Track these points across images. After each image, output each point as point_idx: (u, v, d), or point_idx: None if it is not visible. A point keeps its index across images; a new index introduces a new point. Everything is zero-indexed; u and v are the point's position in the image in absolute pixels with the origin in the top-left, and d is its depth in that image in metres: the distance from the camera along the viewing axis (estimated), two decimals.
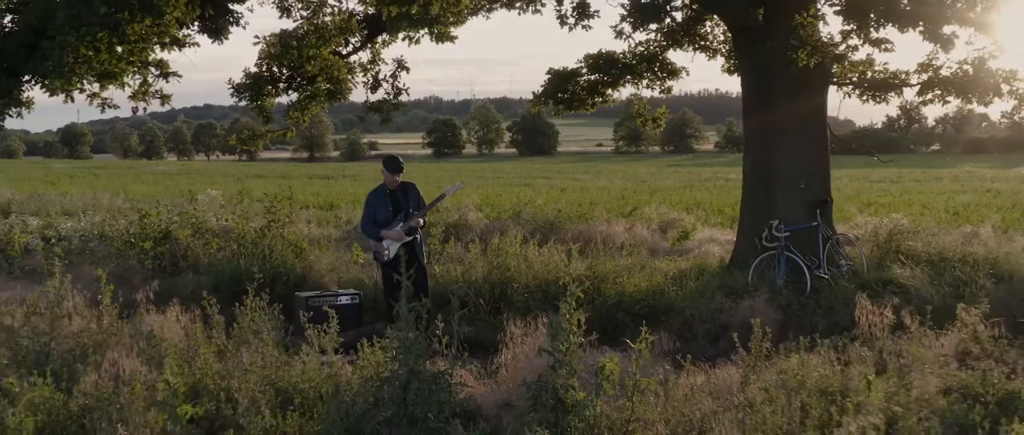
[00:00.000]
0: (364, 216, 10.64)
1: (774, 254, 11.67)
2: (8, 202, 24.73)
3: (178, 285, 12.22)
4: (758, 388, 5.93)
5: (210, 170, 75.47)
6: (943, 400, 5.76)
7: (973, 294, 10.09)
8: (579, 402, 5.08)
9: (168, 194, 32.32)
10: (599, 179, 49.50)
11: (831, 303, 10.32)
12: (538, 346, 6.12)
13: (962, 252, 12.55)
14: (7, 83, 12.86)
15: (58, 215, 20.24)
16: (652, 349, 7.46)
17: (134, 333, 7.90)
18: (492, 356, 7.65)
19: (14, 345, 7.31)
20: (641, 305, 10.50)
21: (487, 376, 6.94)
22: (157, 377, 6.22)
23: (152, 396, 5.88)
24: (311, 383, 6.25)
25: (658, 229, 17.61)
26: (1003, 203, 24.81)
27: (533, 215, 17.65)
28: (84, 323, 8.05)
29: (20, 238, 16.30)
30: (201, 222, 15.28)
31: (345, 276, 12.58)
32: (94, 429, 5.42)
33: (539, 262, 12.02)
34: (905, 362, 6.66)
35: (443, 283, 11.51)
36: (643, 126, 15.40)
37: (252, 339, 7.41)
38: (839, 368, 6.64)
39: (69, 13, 10.06)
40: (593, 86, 14.38)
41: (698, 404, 5.69)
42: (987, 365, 6.39)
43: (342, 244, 15.47)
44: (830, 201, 12.70)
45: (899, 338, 7.61)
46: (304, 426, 5.77)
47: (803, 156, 12.24)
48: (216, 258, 13.74)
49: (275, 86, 14.71)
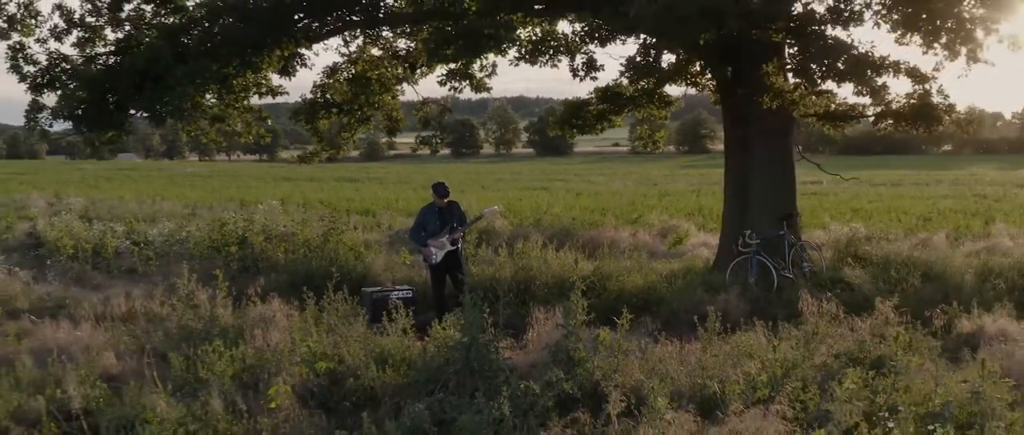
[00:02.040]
0: (414, 226, 13.25)
1: (747, 258, 14.31)
2: (85, 209, 27.52)
3: (256, 282, 14.82)
4: (710, 354, 8.65)
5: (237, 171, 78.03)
6: (833, 361, 8.42)
7: (903, 291, 12.81)
8: (582, 358, 7.83)
9: (216, 199, 35.24)
10: (613, 181, 51.93)
11: (790, 297, 12.84)
12: (556, 323, 8.86)
13: (906, 257, 15.18)
14: (117, 116, 15.65)
15: (136, 221, 23.05)
16: (640, 330, 10.28)
17: (257, 317, 10.67)
18: (521, 334, 10.31)
19: (179, 326, 10.08)
20: (637, 298, 13.11)
21: (519, 347, 9.62)
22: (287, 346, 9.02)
23: (293, 357, 8.65)
24: (398, 349, 8.99)
25: (659, 234, 20.26)
26: (978, 209, 27.21)
27: (551, 222, 20.44)
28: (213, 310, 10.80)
29: (112, 242, 19.05)
30: (271, 229, 18.07)
31: (397, 275, 15.20)
32: (265, 376, 8.16)
33: (556, 263, 14.69)
34: (821, 337, 9.33)
35: (478, 281, 14.20)
36: (645, 148, 18.01)
37: (342, 322, 10.18)
38: (773, 343, 9.29)
39: (186, 70, 12.82)
40: (602, 113, 16.98)
41: (666, 363, 8.40)
42: (875, 339, 9.05)
43: (390, 248, 18.16)
44: (795, 214, 15.37)
45: (830, 323, 10.28)
46: (398, 377, 8.50)
47: (773, 178, 14.91)
48: (289, 259, 16.45)
49: (328, 111, 17.45)
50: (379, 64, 15.36)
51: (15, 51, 17.20)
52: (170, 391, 7.31)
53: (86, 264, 17.32)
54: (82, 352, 9.45)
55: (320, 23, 14.31)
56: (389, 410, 7.56)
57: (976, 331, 10.54)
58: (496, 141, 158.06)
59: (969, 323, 10.76)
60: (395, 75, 15.31)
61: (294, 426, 6.97)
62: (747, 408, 6.74)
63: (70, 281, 15.67)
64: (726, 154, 15.52)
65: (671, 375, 7.96)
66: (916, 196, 35.75)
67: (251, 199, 33.57)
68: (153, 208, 28.09)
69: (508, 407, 6.87)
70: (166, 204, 29.14)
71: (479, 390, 7.62)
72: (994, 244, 17.32)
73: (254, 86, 13.40)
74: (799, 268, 14.57)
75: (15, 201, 32.85)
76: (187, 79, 12.75)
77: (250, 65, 13.00)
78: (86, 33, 17.45)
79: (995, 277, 13.64)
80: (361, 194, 39.14)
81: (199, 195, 39.34)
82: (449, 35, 13.03)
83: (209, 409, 7.02)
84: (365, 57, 15.34)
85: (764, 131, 14.46)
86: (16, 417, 7.32)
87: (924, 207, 27.82)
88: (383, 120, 16.02)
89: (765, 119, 14.13)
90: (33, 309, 12.39)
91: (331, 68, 17.16)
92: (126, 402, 7.41)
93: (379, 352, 8.94)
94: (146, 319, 11.61)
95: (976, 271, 14.18)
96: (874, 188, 42.97)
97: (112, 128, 15.45)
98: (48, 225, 20.96)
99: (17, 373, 8.27)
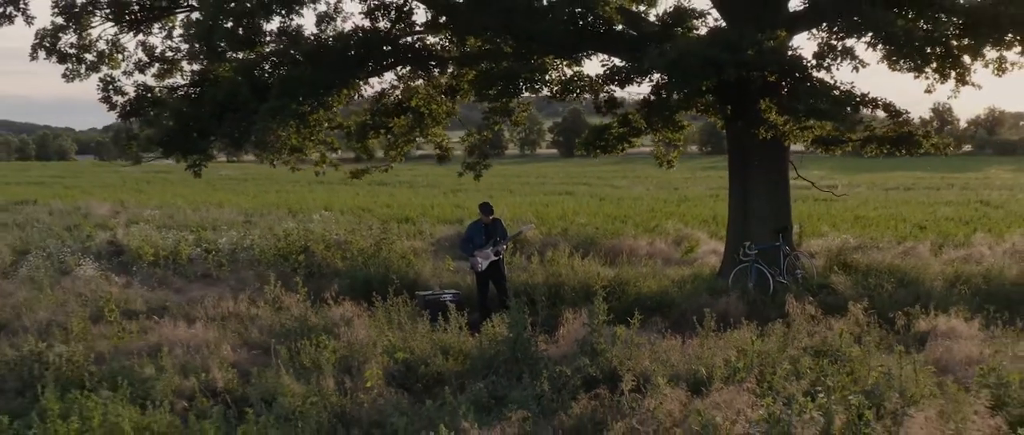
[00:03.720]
0: (464, 240, 15.60)
1: (747, 266, 16.53)
2: (151, 216, 30.03)
3: (324, 286, 17.08)
4: (706, 347, 10.92)
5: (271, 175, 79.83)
6: (799, 352, 10.65)
7: (879, 295, 15.02)
8: (603, 349, 10.13)
9: (260, 204, 37.66)
10: (635, 185, 53.92)
11: (782, 300, 15.06)
12: (582, 322, 11.16)
13: (888, 264, 17.39)
14: (199, 143, 18.02)
15: (202, 229, 25.53)
16: (651, 328, 12.60)
17: (338, 317, 13.03)
18: (554, 331, 12.55)
19: (281, 323, 12.47)
20: (651, 301, 15.35)
21: (553, 341, 11.88)
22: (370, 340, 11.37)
23: (375, 349, 11.00)
24: (457, 343, 11.33)
25: (673, 242, 22.50)
26: (973, 216, 29.21)
27: (577, 232, 22.76)
28: (305, 311, 13.19)
29: (185, 250, 21.46)
30: (329, 238, 20.47)
31: (445, 280, 17.50)
32: (356, 363, 10.50)
33: (582, 270, 16.98)
34: (794, 334, 11.57)
35: (515, 285, 16.48)
36: (661, 166, 20.23)
37: (409, 321, 12.53)
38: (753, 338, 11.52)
39: (269, 107, 15.17)
40: (622, 136, 19.21)
41: (669, 353, 10.68)
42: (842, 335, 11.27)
43: (435, 255, 20.47)
44: (789, 227, 17.58)
45: (809, 322, 12.52)
46: (458, 365, 10.82)
47: (769, 196, 17.13)
48: (347, 266, 18.78)
49: (377, 132, 19.78)
50: (431, 99, 17.72)
51: (106, 83, 19.66)
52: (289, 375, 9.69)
53: (167, 270, 19.69)
54: (201, 346, 11.81)
55: (380, 65, 16.69)
56: (455, 389, 9.85)
57: (930, 329, 12.67)
58: (521, 142, 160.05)
59: (925, 323, 12.90)
60: (444, 110, 17.74)
61: (386, 401, 9.30)
62: (725, 386, 9.00)
63: (155, 285, 18.03)
64: (730, 175, 17.72)
65: (672, 362, 10.25)
66: (922, 201, 37.53)
67: (296, 207, 35.99)
68: (210, 216, 30.53)
69: (547, 385, 9.20)
70: (224, 212, 31.52)
71: (524, 373, 9.95)
72: (971, 253, 19.44)
73: (326, 121, 15.86)
74: (793, 275, 16.79)
75: (79, 209, 35.41)
76: (269, 116, 15.10)
77: (323, 103, 15.41)
78: (165, 66, 19.95)
79: (961, 283, 15.81)
80: (396, 199, 41.29)
81: (243, 200, 41.69)
82: (492, 77, 15.41)
83: (322, 387, 9.38)
84: (419, 92, 17.69)
85: (761, 156, 16.70)
86: (176, 393, 9.68)
87: (923, 214, 29.81)
88: (434, 149, 18.40)
89: (762, 146, 16.35)
90: (151, 310, 14.74)
91: (380, 93, 19.50)
92: (256, 383, 9.78)
93: (441, 345, 11.28)
94: (237, 319, 13.95)
95: (946, 278, 16.36)
96: (885, 192, 44.76)
97: (196, 153, 17.78)
98: (126, 234, 23.43)
99: (163, 361, 10.65)
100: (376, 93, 19.37)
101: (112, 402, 8.64)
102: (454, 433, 7.76)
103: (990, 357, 10.10)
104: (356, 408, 9.07)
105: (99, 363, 10.86)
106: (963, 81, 18.82)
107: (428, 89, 17.69)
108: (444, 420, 8.14)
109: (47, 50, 19.71)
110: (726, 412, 8.02)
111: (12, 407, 9.26)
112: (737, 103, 15.81)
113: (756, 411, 7.93)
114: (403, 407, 8.96)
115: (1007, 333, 12.32)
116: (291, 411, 8.72)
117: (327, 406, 9.04)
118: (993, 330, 12.48)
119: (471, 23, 15.98)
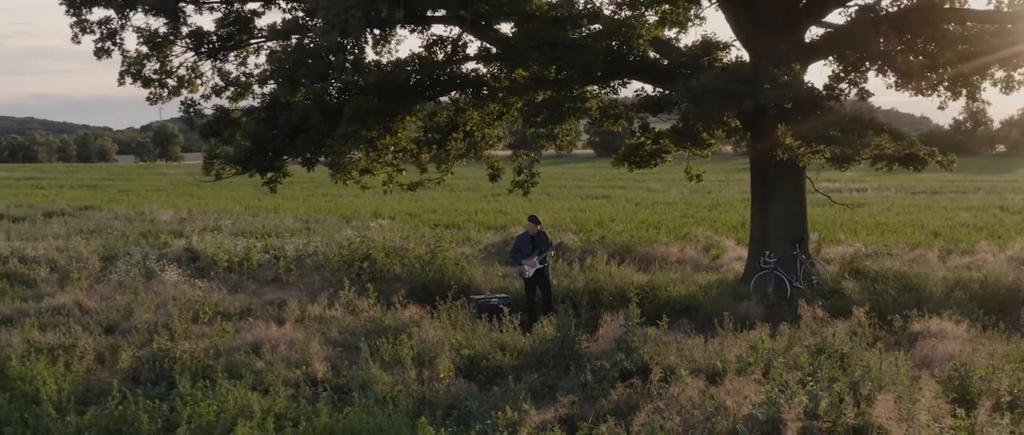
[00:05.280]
0: (513, 250, 17.54)
1: (767, 272, 18.39)
2: (215, 223, 32.29)
3: (386, 290, 18.94)
4: (725, 346, 12.84)
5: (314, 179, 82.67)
6: (802, 350, 12.53)
7: (883, 300, 16.84)
8: (637, 346, 12.12)
9: (315, 211, 39.79)
10: (669, 189, 55.58)
11: (796, 305, 16.91)
12: (619, 324, 13.14)
13: (896, 270, 19.18)
14: (275, 160, 20.12)
15: (265, 236, 27.73)
16: (678, 329, 14.56)
17: (407, 319, 15.06)
18: (595, 331, 14.48)
19: (352, 326, 14.54)
20: (680, 304, 17.25)
21: (594, 339, 13.82)
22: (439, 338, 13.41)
23: (443, 346, 13.03)
24: (511, 341, 13.34)
25: (703, 249, 24.39)
26: (989, 223, 30.79)
27: (613, 240, 24.74)
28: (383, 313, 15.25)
29: (255, 256, 23.56)
30: (388, 246, 22.54)
31: (494, 285, 19.47)
32: (428, 358, 12.53)
33: (618, 276, 18.94)
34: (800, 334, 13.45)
35: (558, 290, 18.42)
36: (690, 181, 22.11)
37: (469, 322, 14.58)
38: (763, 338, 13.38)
39: (343, 133, 17.26)
40: (655, 152, 21.12)
41: (692, 350, 12.61)
42: (842, 336, 13.15)
43: (483, 261, 22.46)
44: (806, 237, 19.43)
45: (817, 323, 14.40)
46: (513, 360, 12.83)
47: (787, 210, 19.00)
48: (407, 271, 20.78)
49: (430, 148, 21.81)
50: (484, 124, 19.79)
51: (187, 106, 21.86)
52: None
53: (241, 275, 21.81)
54: (293, 343, 13.88)
55: (437, 92, 18.80)
56: (513, 380, 11.83)
57: (923, 330, 14.49)
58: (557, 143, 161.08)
59: (919, 325, 14.71)
60: (496, 134, 19.84)
61: (458, 389, 11.32)
62: (737, 377, 10.94)
63: (231, 289, 20.10)
64: (751, 189, 19.61)
65: (694, 358, 12.21)
66: (945, 207, 38.79)
67: (348, 212, 38.20)
68: (272, 223, 32.74)
69: (590, 376, 11.20)
70: (285, 220, 33.68)
71: (570, 367, 11.95)
72: (975, 260, 21.17)
73: (392, 145, 18.01)
74: (808, 281, 18.62)
75: (143, 214, 37.75)
76: (342, 141, 17.18)
77: (388, 129, 17.53)
78: (239, 89, 22.10)
79: (959, 289, 17.58)
80: (439, 204, 43.12)
81: (292, 205, 43.69)
82: (538, 106, 17.46)
83: (405, 377, 11.42)
84: (472, 118, 19.76)
85: (780, 175, 18.57)
86: (284, 382, 11.75)
87: (941, 220, 31.44)
88: (487, 168, 20.49)
89: (780, 165, 18.21)
90: (238, 313, 16.82)
91: (432, 112, 21.53)
92: (348, 373, 11.85)
93: (499, 343, 13.31)
94: (318, 321, 15.99)
95: (947, 283, 18.13)
96: (912, 196, 46.00)
97: (272, 170, 19.88)
98: (201, 240, 25.62)
99: (267, 356, 12.74)
100: (429, 111, 21.39)
101: (238, 388, 10.73)
102: (517, 413, 9.76)
103: (964, 355, 11.98)
104: (434, 394, 11.11)
105: (214, 357, 12.95)
106: (974, 99, 20.70)
107: (481, 115, 19.73)
108: (508, 404, 10.15)
109: (133, 76, 21.84)
110: (735, 398, 9.98)
111: (153, 394, 11.34)
112: (757, 128, 17.71)
113: (758, 396, 9.87)
114: (473, 394, 11.00)
115: (991, 334, 14.14)
116: (383, 396, 10.76)
117: (410, 393, 11.07)
118: (971, 330, 14.25)
119: (519, 55, 17.96)
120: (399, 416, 10.05)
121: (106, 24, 19.84)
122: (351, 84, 18.90)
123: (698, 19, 19.89)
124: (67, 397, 11.02)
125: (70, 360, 12.86)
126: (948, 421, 9.24)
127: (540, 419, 9.90)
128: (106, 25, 19.81)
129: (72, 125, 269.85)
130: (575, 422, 9.95)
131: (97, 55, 20.17)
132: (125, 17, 19.81)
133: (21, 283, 20.45)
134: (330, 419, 9.78)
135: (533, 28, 17.35)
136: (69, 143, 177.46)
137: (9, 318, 16.42)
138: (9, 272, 21.47)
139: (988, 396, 9.95)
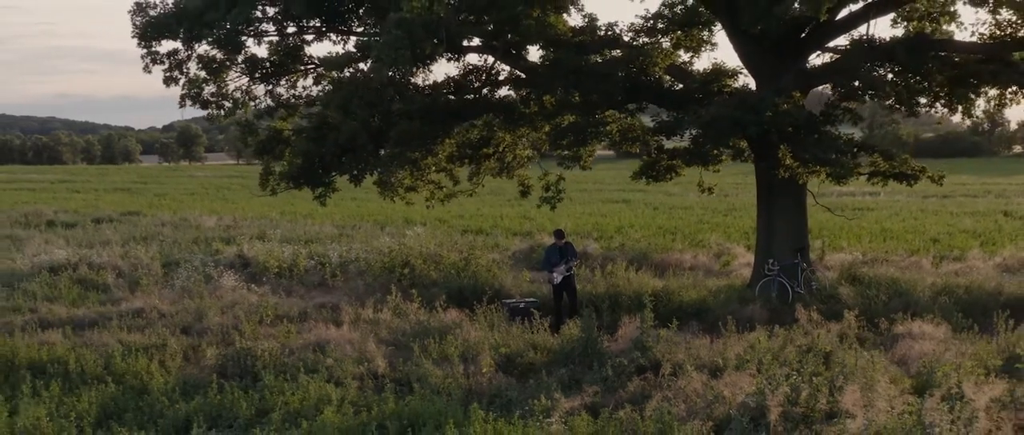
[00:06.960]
0: (544, 260, 19.54)
1: (771, 279, 20.31)
2: (261, 230, 34.40)
3: (427, 295, 20.53)
4: (728, 346, 14.81)
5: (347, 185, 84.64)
6: (792, 348, 14.48)
7: (874, 304, 18.73)
8: (651, 345, 14.16)
9: (349, 217, 41.76)
10: (687, 193, 57.07)
11: (795, 309, 18.82)
12: (636, 326, 15.16)
13: (889, 277, 21.06)
14: (325, 176, 22.21)
15: (308, 242, 29.85)
16: (688, 330, 16.57)
17: (449, 321, 17.09)
18: (614, 331, 16.44)
19: (401, 327, 16.62)
20: (691, 308, 19.21)
21: (613, 339, 15.80)
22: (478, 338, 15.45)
23: (482, 345, 15.07)
24: (542, 341, 15.38)
25: (714, 255, 26.34)
26: (987, 229, 32.54)
27: (632, 246, 26.76)
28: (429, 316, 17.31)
29: (302, 262, 25.59)
30: (425, 252, 24.57)
31: (523, 289, 21.42)
32: (471, 355, 14.58)
33: (636, 281, 20.90)
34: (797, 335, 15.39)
35: (581, 296, 20.37)
36: (702, 193, 24.07)
37: (502, 323, 16.62)
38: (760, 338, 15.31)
39: (389, 154, 19.35)
40: (669, 167, 23.07)
41: (699, 349, 14.60)
42: (830, 337, 15.07)
43: (512, 267, 24.43)
44: (807, 246, 21.36)
45: (811, 325, 16.34)
46: (544, 358, 14.85)
47: (789, 221, 20.95)
48: (442, 276, 22.74)
49: (462, 162, 23.86)
50: (515, 145, 21.89)
51: (243, 126, 24.00)
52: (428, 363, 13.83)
53: (290, 280, 23.83)
54: (350, 342, 15.92)
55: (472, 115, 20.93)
56: (545, 374, 13.84)
57: (905, 332, 16.36)
58: None
59: (902, 327, 16.59)
60: (525, 155, 21.94)
61: (499, 382, 13.38)
62: (735, 371, 12.95)
63: (283, 293, 22.11)
64: (757, 203, 21.57)
65: (700, 356, 14.21)
66: (952, 212, 40.31)
67: (381, 217, 40.22)
68: (311, 229, 34.93)
69: (610, 371, 13.24)
70: (324, 227, 35.81)
71: (594, 363, 13.98)
72: (964, 267, 23.02)
73: (433, 165, 20.17)
74: (808, 287, 20.55)
75: (188, 221, 39.91)
76: (389, 161, 19.27)
77: (430, 151, 19.67)
78: (289, 110, 24.22)
79: (945, 294, 19.43)
80: (466, 209, 44.30)
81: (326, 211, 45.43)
82: (564, 130, 19.55)
83: (453, 371, 13.49)
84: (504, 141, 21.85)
85: (782, 190, 20.54)
86: (351, 376, 13.81)
87: (942, 227, 33.24)
88: (518, 185, 22.63)
89: (783, 181, 20.16)
90: (296, 315, 18.86)
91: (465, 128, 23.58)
92: (404, 368, 13.92)
93: (532, 343, 15.35)
94: (368, 322, 17.99)
95: (934, 289, 19.97)
96: (922, 200, 46.98)
97: (321, 185, 21.96)
98: (251, 247, 27.72)
99: (333, 353, 14.82)
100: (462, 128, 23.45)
101: (315, 380, 12.84)
102: (550, 401, 11.80)
103: (936, 353, 13.94)
104: (479, 386, 13.20)
105: (288, 355, 15.03)
106: (969, 114, 22.60)
107: (513, 138, 21.81)
108: (542, 393, 12.20)
109: (193, 99, 23.95)
110: (732, 389, 12.02)
111: (242, 386, 13.42)
112: (761, 149, 19.69)
113: (751, 388, 11.88)
114: (512, 385, 13.08)
115: (964, 336, 16.02)
116: (437, 387, 12.84)
117: (459, 385, 13.13)
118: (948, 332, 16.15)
119: (546, 81, 19.98)
120: (453, 404, 12.07)
121: (174, 55, 21.97)
122: (397, 111, 20.96)
123: (710, 44, 21.96)
124: (171, 388, 13.13)
125: (163, 358, 14.97)
126: (901, 407, 11.17)
127: (569, 406, 11.97)
128: (174, 57, 21.94)
129: (94, 125, 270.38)
130: (598, 409, 11.95)
131: (166, 83, 22.33)
132: (191, 49, 21.91)
133: (94, 288, 22.44)
134: (396, 406, 11.84)
135: (559, 55, 19.40)
136: (93, 143, 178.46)
137: (94, 321, 18.43)
138: (81, 278, 23.48)
139: (941, 387, 11.85)
